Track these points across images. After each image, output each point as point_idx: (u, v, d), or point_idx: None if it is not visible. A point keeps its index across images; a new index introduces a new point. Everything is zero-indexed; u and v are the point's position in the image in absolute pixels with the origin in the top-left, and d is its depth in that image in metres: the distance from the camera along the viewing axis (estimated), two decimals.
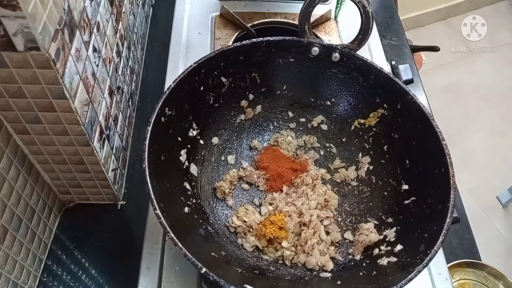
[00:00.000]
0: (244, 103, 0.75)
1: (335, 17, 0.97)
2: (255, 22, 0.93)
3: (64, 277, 0.65)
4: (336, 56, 0.71)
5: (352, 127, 0.75)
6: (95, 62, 0.59)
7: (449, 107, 1.99)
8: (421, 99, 0.90)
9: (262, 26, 0.93)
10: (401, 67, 0.89)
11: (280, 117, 0.78)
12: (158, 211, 0.51)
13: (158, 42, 0.97)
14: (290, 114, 0.78)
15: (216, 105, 0.72)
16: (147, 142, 0.56)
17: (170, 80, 0.75)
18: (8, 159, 0.54)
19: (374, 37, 0.95)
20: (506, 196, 1.70)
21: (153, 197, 0.52)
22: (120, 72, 0.72)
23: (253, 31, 0.91)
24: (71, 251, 0.68)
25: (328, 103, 0.76)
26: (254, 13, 0.94)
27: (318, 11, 0.95)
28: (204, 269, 0.48)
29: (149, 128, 0.57)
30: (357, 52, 0.70)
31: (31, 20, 0.40)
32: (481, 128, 1.95)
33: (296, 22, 0.93)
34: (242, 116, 0.76)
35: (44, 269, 0.65)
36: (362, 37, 0.69)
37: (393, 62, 0.91)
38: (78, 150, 0.59)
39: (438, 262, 0.66)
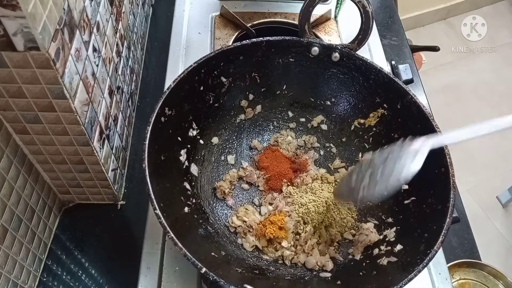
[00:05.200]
0: (244, 103, 0.75)
1: (335, 17, 0.97)
2: (255, 22, 0.93)
3: (64, 277, 0.65)
4: (336, 56, 0.71)
5: (352, 127, 0.75)
6: (95, 62, 0.59)
7: (449, 107, 1.99)
8: (421, 99, 0.90)
9: (262, 26, 0.93)
10: (401, 67, 0.89)
11: (280, 117, 0.78)
12: (158, 211, 0.51)
13: (158, 42, 0.97)
14: (290, 114, 0.78)
15: (216, 105, 0.72)
16: (147, 142, 0.56)
17: (170, 80, 0.75)
18: (8, 159, 0.54)
19: (374, 37, 0.95)
20: (506, 196, 1.70)
21: (153, 197, 0.52)
22: (120, 72, 0.72)
23: (253, 31, 0.91)
24: (71, 251, 0.68)
25: (328, 103, 0.76)
26: (254, 13, 0.94)
27: (318, 11, 0.95)
28: (204, 269, 0.48)
29: (149, 128, 0.57)
30: (357, 52, 0.70)
31: (31, 20, 0.40)
32: None
33: (296, 22, 0.93)
34: (242, 116, 0.76)
35: (44, 269, 0.65)
36: (362, 37, 0.69)
37: (393, 62, 0.91)
38: (78, 150, 0.59)
39: (438, 262, 0.66)
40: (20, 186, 0.57)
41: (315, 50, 0.71)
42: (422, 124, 0.64)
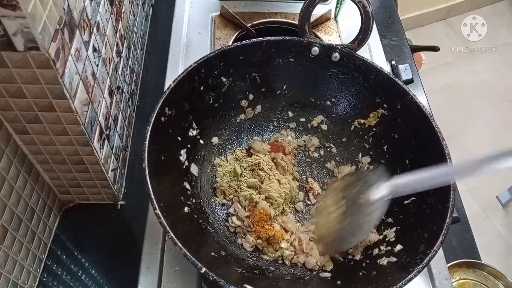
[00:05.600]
0: (244, 103, 0.75)
1: (335, 17, 0.97)
2: (255, 22, 0.93)
3: (64, 277, 0.65)
4: (336, 56, 0.71)
5: (352, 127, 0.75)
6: (95, 62, 0.59)
7: (449, 107, 1.98)
8: (421, 99, 0.90)
9: (262, 26, 0.93)
10: (401, 67, 0.89)
11: (280, 117, 0.78)
12: (158, 211, 0.51)
13: (158, 42, 0.97)
14: (290, 114, 0.78)
15: (216, 105, 0.72)
16: (147, 142, 0.56)
17: (170, 80, 0.75)
18: (8, 159, 0.54)
19: (374, 37, 0.95)
20: (506, 196, 1.70)
21: (153, 197, 0.52)
22: (120, 72, 0.72)
23: (253, 31, 0.91)
24: (71, 251, 0.68)
25: (328, 103, 0.76)
26: (254, 13, 0.94)
27: (318, 11, 0.95)
28: (204, 269, 0.48)
29: (149, 128, 0.57)
30: (357, 52, 0.70)
31: (31, 20, 0.40)
32: (481, 128, 1.95)
33: (296, 22, 0.93)
34: (242, 116, 0.76)
35: (44, 269, 0.65)
36: (362, 37, 0.69)
37: (393, 62, 0.91)
38: (78, 150, 0.59)
39: (438, 262, 0.66)
40: (20, 186, 0.57)
41: (315, 50, 0.71)
42: (422, 124, 0.64)
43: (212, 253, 0.57)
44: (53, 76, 0.46)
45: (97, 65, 0.60)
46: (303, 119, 0.78)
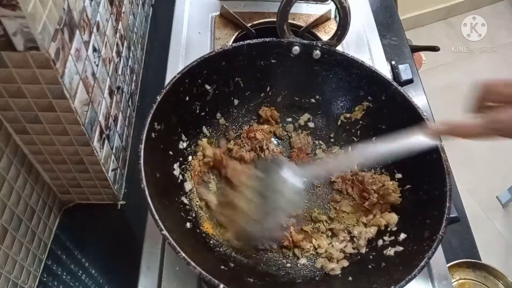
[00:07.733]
0: (229, 108, 0.74)
1: (335, 17, 0.97)
2: (255, 22, 0.93)
3: (64, 277, 0.65)
4: (317, 53, 0.70)
5: (339, 122, 0.75)
6: (95, 62, 0.59)
7: (449, 107, 1.98)
8: (421, 99, 0.90)
9: (262, 26, 0.93)
10: (401, 67, 0.89)
11: None
12: (165, 232, 0.49)
13: (158, 42, 0.97)
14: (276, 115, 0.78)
15: (203, 113, 0.71)
16: (141, 161, 0.54)
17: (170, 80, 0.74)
18: (8, 159, 0.54)
19: (374, 37, 0.95)
20: (506, 196, 1.70)
21: (157, 218, 0.50)
22: (120, 72, 0.72)
23: (253, 31, 0.91)
24: (71, 251, 0.68)
25: (313, 100, 0.76)
26: (254, 13, 0.94)
27: (318, 11, 0.96)
28: (222, 286, 0.47)
29: (142, 146, 0.55)
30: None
31: (30, 20, 0.40)
32: None
33: (296, 22, 0.93)
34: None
35: (44, 269, 0.65)
36: (341, 33, 0.69)
37: (393, 62, 0.91)
38: (78, 150, 0.59)
39: (438, 262, 0.66)
40: (20, 186, 0.57)
41: (296, 49, 0.71)
42: (409, 113, 0.64)
43: (222, 266, 0.56)
44: (53, 76, 0.46)
45: (97, 65, 0.60)
46: (289, 119, 0.78)
